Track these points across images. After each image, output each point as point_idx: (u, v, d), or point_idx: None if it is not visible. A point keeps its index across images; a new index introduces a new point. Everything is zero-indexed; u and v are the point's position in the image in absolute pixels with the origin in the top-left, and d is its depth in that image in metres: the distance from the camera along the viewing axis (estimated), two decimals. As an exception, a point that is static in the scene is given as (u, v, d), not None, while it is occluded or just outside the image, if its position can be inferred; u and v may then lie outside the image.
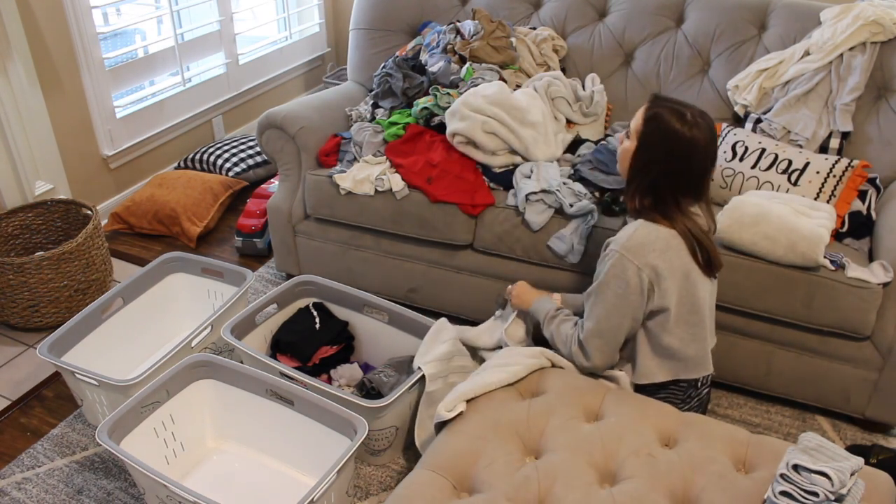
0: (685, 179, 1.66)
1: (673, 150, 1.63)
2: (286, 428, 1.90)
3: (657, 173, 1.66)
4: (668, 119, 1.63)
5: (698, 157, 1.64)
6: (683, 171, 1.65)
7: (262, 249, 2.90)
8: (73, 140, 2.88)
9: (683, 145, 1.62)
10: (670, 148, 1.63)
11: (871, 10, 2.31)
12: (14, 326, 2.50)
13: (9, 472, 1.98)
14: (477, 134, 2.27)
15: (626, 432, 1.55)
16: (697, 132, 1.62)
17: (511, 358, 1.78)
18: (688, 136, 1.61)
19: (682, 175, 1.66)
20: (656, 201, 1.68)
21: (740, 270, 2.00)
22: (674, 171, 1.65)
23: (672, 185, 1.66)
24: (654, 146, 1.66)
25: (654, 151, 1.66)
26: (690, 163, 1.65)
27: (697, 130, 1.62)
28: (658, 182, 1.66)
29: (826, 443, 1.42)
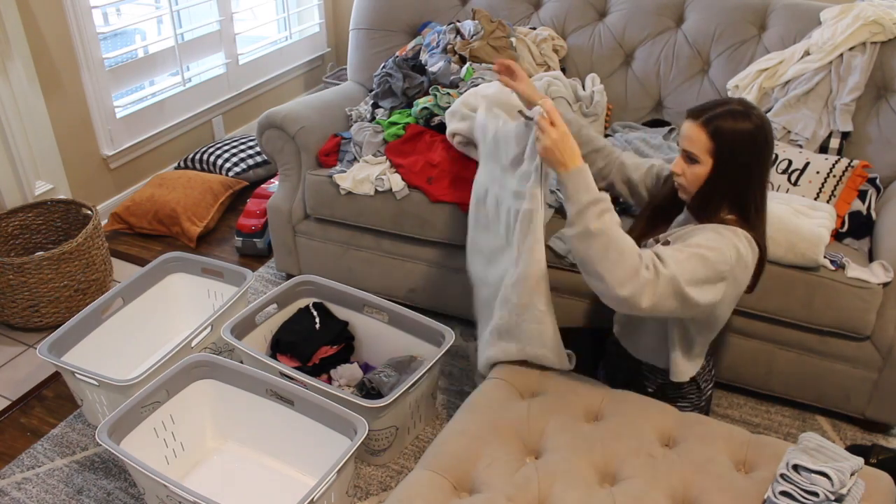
0: (766, 168, 1.57)
1: (754, 145, 1.53)
2: (286, 428, 1.90)
3: (742, 181, 1.55)
4: (731, 124, 1.52)
5: (768, 136, 1.55)
6: (766, 156, 1.56)
7: (262, 249, 2.90)
8: (73, 140, 2.88)
9: (760, 137, 1.53)
10: (751, 145, 1.53)
11: (871, 10, 2.31)
12: (14, 326, 2.50)
13: (9, 472, 1.98)
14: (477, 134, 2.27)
15: (626, 432, 1.55)
16: (755, 117, 1.53)
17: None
18: (754, 127, 1.52)
19: (765, 165, 1.57)
20: (739, 213, 1.58)
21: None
22: (762, 167, 1.56)
23: (760, 182, 1.57)
24: (735, 156, 1.53)
25: (738, 160, 1.54)
26: (768, 145, 1.55)
27: (754, 115, 1.53)
28: (742, 190, 1.56)
29: (826, 443, 1.42)
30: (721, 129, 1.52)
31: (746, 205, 1.58)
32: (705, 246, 1.51)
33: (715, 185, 1.56)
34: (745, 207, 1.58)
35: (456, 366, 2.35)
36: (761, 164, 1.57)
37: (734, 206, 1.59)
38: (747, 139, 1.53)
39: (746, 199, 1.58)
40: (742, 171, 1.56)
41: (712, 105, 1.57)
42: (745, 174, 1.56)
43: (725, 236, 1.54)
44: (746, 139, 1.53)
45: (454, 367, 2.35)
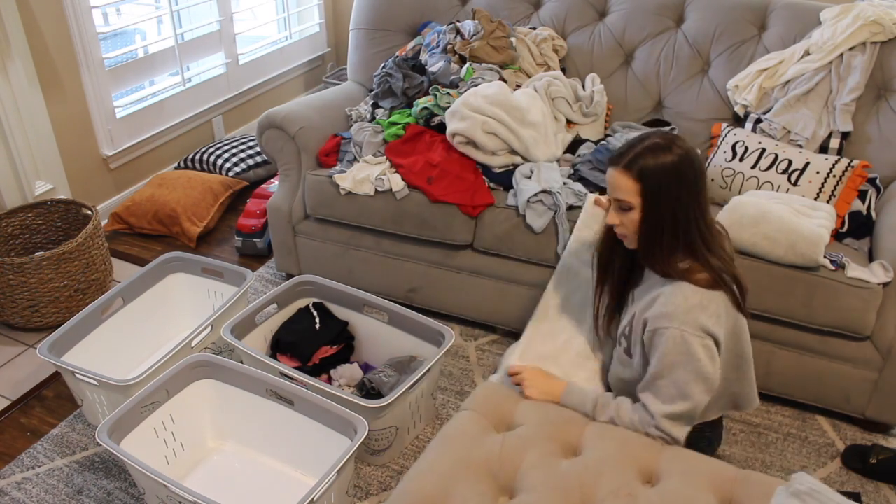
0: (701, 198, 1.54)
1: (680, 180, 1.51)
2: (286, 428, 1.90)
3: (678, 215, 1.53)
4: (653, 160, 1.51)
5: (695, 167, 1.53)
6: (697, 190, 1.53)
7: (262, 249, 2.90)
8: (73, 140, 2.88)
9: (686, 167, 1.51)
10: (678, 180, 1.51)
11: (871, 10, 2.31)
12: (14, 326, 2.50)
13: (9, 472, 1.98)
14: (477, 134, 2.27)
15: (606, 469, 1.45)
16: (678, 148, 1.51)
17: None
18: (678, 159, 1.51)
19: (699, 195, 1.53)
20: (692, 250, 1.54)
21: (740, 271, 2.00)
22: (696, 197, 1.53)
23: (699, 213, 1.53)
24: (663, 191, 1.52)
25: (668, 195, 1.52)
26: (696, 177, 1.53)
27: (677, 147, 1.52)
28: (682, 224, 1.53)
29: (818, 486, 1.32)
30: (644, 167, 1.52)
31: (692, 241, 1.54)
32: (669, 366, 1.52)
33: (652, 226, 1.55)
34: (692, 245, 1.54)
35: (456, 366, 2.35)
36: (694, 194, 1.52)
37: (684, 248, 1.55)
38: (671, 171, 1.50)
39: (690, 233, 1.54)
40: (675, 205, 1.52)
41: (631, 145, 1.56)
42: (680, 207, 1.52)
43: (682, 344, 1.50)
44: (670, 172, 1.51)
45: (454, 367, 2.35)
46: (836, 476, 1.98)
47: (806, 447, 2.07)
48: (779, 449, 2.06)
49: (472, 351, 2.41)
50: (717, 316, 1.54)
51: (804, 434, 2.11)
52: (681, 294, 1.52)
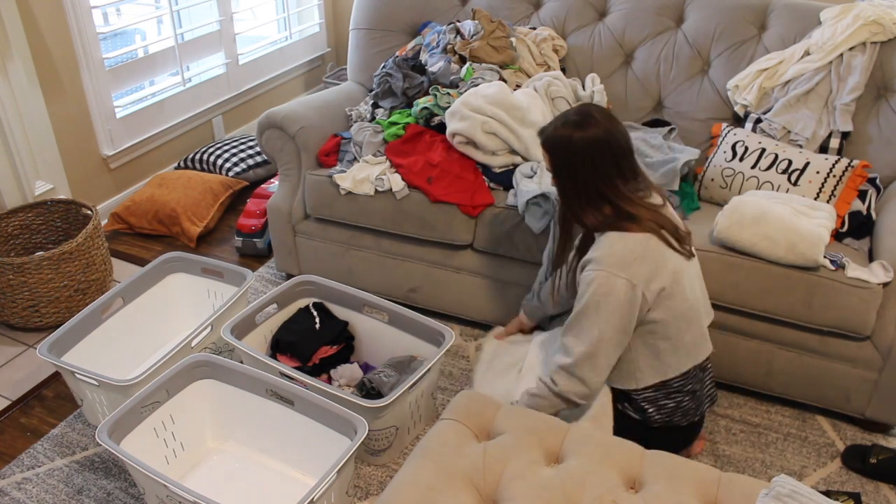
0: (612, 172, 1.65)
1: (578, 152, 1.64)
2: (286, 428, 1.90)
3: (587, 178, 1.65)
4: (556, 132, 1.66)
5: (605, 145, 1.63)
6: (603, 165, 1.64)
7: (262, 249, 2.90)
8: (73, 140, 2.88)
9: (589, 143, 1.62)
10: (575, 152, 1.64)
11: (871, 10, 2.31)
12: (14, 326, 2.50)
13: (9, 472, 1.98)
14: (477, 134, 2.27)
15: (589, 476, 1.44)
16: (589, 125, 1.63)
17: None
18: (587, 135, 1.62)
19: (606, 170, 1.64)
20: (610, 206, 1.66)
21: (740, 271, 2.00)
22: (595, 169, 1.64)
23: (606, 183, 1.65)
24: (562, 161, 1.67)
25: (567, 165, 1.66)
26: (602, 154, 1.63)
27: (588, 123, 1.63)
28: (594, 185, 1.65)
29: (800, 487, 1.31)
30: (549, 139, 1.68)
31: (606, 195, 1.65)
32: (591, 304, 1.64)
33: (563, 189, 1.71)
34: (608, 204, 1.66)
35: (456, 366, 2.35)
36: (593, 167, 1.64)
37: (595, 202, 1.66)
38: (573, 145, 1.64)
39: (600, 192, 1.65)
40: (579, 175, 1.66)
41: (553, 120, 1.71)
42: (576, 176, 1.66)
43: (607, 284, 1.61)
44: (572, 145, 1.64)
45: (454, 367, 2.35)
46: (836, 476, 1.98)
47: (806, 447, 2.07)
48: (779, 449, 2.06)
49: (472, 351, 2.41)
50: (645, 256, 1.63)
51: (804, 434, 2.11)
52: (608, 240, 1.65)
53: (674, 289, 1.67)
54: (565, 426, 1.59)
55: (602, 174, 1.64)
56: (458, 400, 1.66)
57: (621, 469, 1.48)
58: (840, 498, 1.85)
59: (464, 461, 1.49)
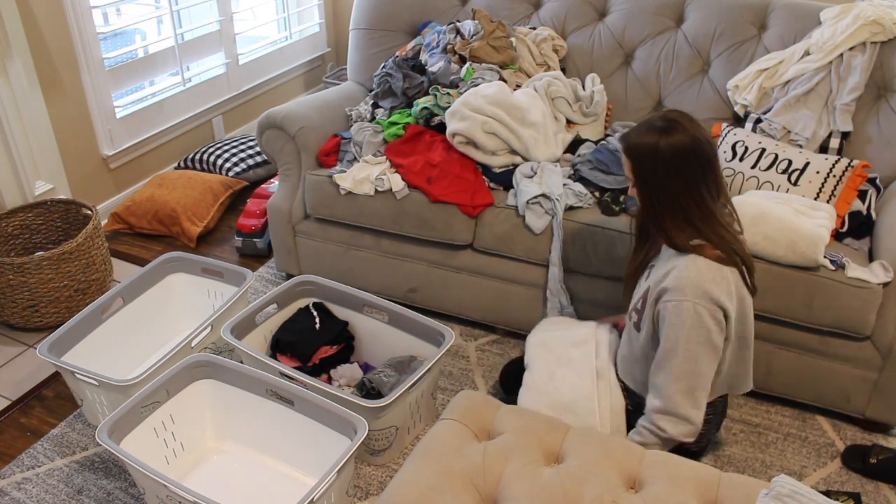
0: (701, 182, 1.58)
1: (664, 163, 1.57)
2: (286, 428, 1.90)
3: (674, 193, 1.58)
4: (642, 139, 1.59)
5: (692, 153, 1.56)
6: (693, 174, 1.57)
7: (262, 249, 2.90)
8: (73, 140, 2.88)
9: (675, 151, 1.56)
10: (663, 160, 1.57)
11: (871, 10, 2.31)
12: (14, 326, 2.50)
13: (9, 472, 1.98)
14: (477, 134, 2.27)
15: (589, 476, 1.44)
16: (678, 133, 1.56)
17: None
18: (673, 142, 1.56)
19: (697, 179, 1.58)
20: (697, 226, 1.59)
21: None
22: (684, 179, 1.57)
23: (693, 195, 1.58)
24: (649, 170, 1.60)
25: (654, 174, 1.59)
26: (693, 163, 1.57)
27: (677, 132, 1.56)
28: (681, 202, 1.58)
29: (801, 487, 1.31)
30: (630, 145, 1.61)
31: (691, 219, 1.59)
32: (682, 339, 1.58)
33: (646, 199, 1.63)
34: (692, 222, 1.59)
35: (456, 366, 2.35)
36: (680, 177, 1.57)
37: (685, 224, 1.60)
38: (653, 153, 1.57)
39: (687, 212, 1.58)
40: (660, 184, 1.58)
41: (638, 125, 1.63)
42: (663, 186, 1.58)
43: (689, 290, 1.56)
44: (653, 153, 1.57)
45: (454, 367, 2.35)
46: (836, 476, 1.98)
47: (806, 447, 2.07)
48: (779, 449, 2.06)
49: (472, 351, 2.41)
50: (729, 292, 1.58)
51: (804, 434, 2.11)
52: (694, 267, 1.57)
53: (740, 320, 1.65)
54: (565, 426, 1.59)
55: (689, 184, 1.57)
56: (458, 400, 1.66)
57: (621, 469, 1.47)
58: (840, 498, 1.85)
59: (464, 461, 1.49)
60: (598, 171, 2.27)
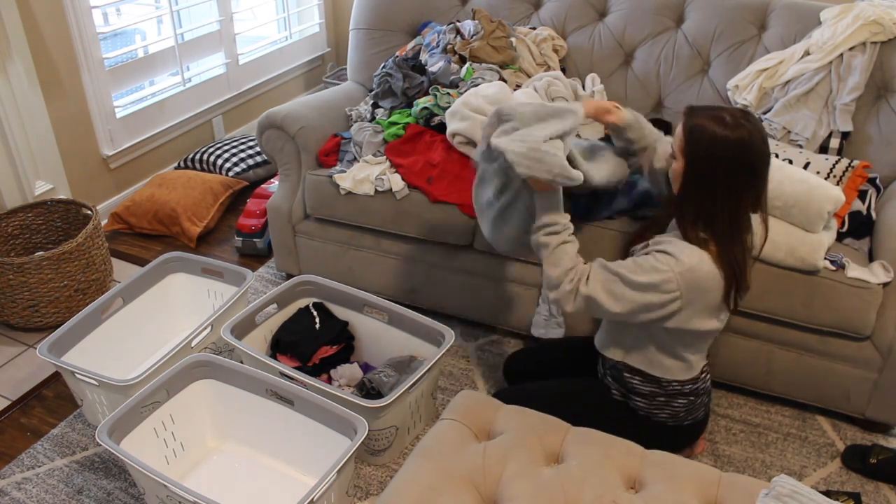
0: (745, 189, 1.55)
1: (723, 158, 1.51)
2: (286, 428, 1.90)
3: (716, 189, 1.54)
4: (709, 126, 1.52)
5: (751, 158, 1.52)
6: (740, 178, 1.53)
7: (262, 249, 2.90)
8: (73, 140, 2.88)
9: (732, 149, 1.51)
10: (720, 156, 1.51)
11: (871, 10, 2.31)
12: (14, 326, 2.50)
13: (9, 472, 1.98)
14: (477, 134, 2.27)
15: (589, 476, 1.44)
16: (743, 132, 1.50)
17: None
18: (733, 138, 1.50)
19: (741, 185, 1.54)
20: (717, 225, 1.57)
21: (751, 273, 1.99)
22: (731, 181, 1.53)
23: (733, 199, 1.55)
24: (702, 159, 1.54)
25: (704, 164, 1.54)
26: (745, 167, 1.53)
27: (743, 130, 1.51)
28: (718, 201, 1.55)
29: (800, 487, 1.31)
30: (695, 128, 1.54)
31: (715, 221, 1.57)
32: (646, 267, 1.59)
33: (687, 183, 1.59)
34: (714, 225, 1.57)
35: (456, 366, 2.35)
36: (731, 178, 1.53)
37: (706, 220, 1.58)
38: (717, 145, 1.52)
39: (714, 213, 1.56)
40: (708, 176, 1.55)
41: (708, 107, 1.59)
42: (713, 183, 1.55)
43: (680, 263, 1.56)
44: (716, 145, 1.52)
45: (454, 367, 2.35)
46: (836, 476, 1.98)
47: (806, 447, 2.07)
48: (779, 449, 2.06)
49: (472, 351, 2.41)
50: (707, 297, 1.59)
51: (804, 434, 2.11)
52: (698, 255, 1.57)
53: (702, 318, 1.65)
54: (565, 426, 1.59)
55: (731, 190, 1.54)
56: (458, 400, 1.66)
57: (621, 469, 1.47)
58: (840, 498, 1.85)
59: (464, 461, 1.49)
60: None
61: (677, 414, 1.78)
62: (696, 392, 1.78)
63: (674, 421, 1.79)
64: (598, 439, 1.55)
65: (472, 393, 1.68)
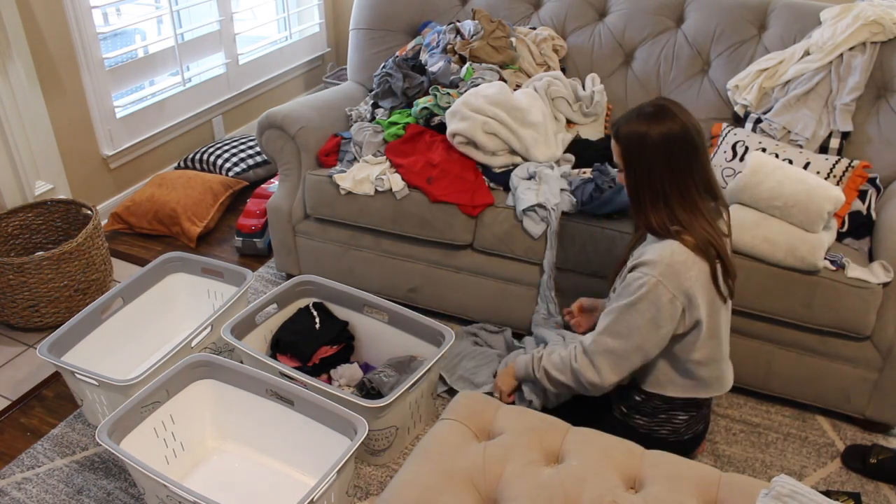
0: (683, 174, 1.59)
1: (655, 148, 1.57)
2: (286, 428, 1.90)
3: (659, 180, 1.59)
4: (631, 126, 1.60)
5: (679, 142, 1.57)
6: (675, 164, 1.58)
7: (262, 249, 2.90)
8: (73, 140, 2.88)
9: (664, 135, 1.57)
10: (651, 147, 1.58)
11: (871, 10, 2.31)
12: (14, 326, 2.49)
13: (9, 472, 1.98)
14: (477, 134, 2.27)
15: (589, 476, 1.44)
16: (665, 118, 1.57)
17: None
18: (660, 129, 1.57)
19: (678, 170, 1.58)
20: (676, 215, 1.60)
21: (741, 271, 2.00)
22: (670, 167, 1.58)
23: (678, 184, 1.59)
24: (636, 157, 1.61)
25: (641, 161, 1.61)
26: (678, 151, 1.57)
27: (664, 116, 1.57)
28: (665, 190, 1.59)
29: (800, 487, 1.30)
30: (621, 133, 1.63)
31: (673, 208, 1.60)
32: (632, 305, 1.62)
33: (632, 185, 1.65)
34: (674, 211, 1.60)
35: (456, 366, 2.35)
36: (667, 164, 1.58)
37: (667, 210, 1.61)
38: (641, 139, 1.59)
39: (668, 200, 1.60)
40: (646, 171, 1.60)
41: (628, 112, 1.65)
42: (650, 173, 1.60)
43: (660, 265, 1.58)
44: (640, 139, 1.59)
45: (454, 367, 2.34)
46: (836, 476, 1.98)
47: (806, 447, 2.07)
48: (779, 449, 2.06)
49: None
50: (698, 280, 1.60)
51: (804, 434, 2.11)
52: (668, 248, 1.60)
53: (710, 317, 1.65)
54: (565, 426, 1.59)
55: (676, 172, 1.59)
56: (458, 400, 1.66)
57: (621, 469, 1.47)
58: (840, 498, 1.85)
59: (464, 461, 1.49)
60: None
61: (678, 429, 1.78)
62: (698, 404, 1.78)
63: (675, 437, 1.79)
64: (598, 439, 1.54)
65: (471, 393, 1.68)
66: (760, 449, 2.06)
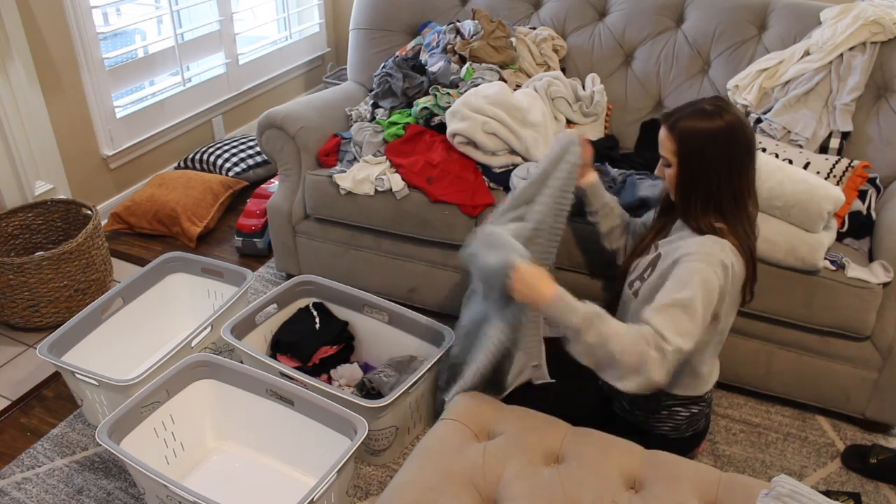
0: (738, 173, 1.57)
1: (715, 148, 1.55)
2: (286, 428, 1.90)
3: (716, 176, 1.57)
4: (692, 121, 1.57)
5: (740, 140, 1.56)
6: (734, 163, 1.56)
7: (262, 249, 2.90)
8: (73, 140, 2.88)
9: (725, 135, 1.55)
10: (712, 144, 1.55)
11: (871, 10, 2.31)
12: (14, 326, 2.49)
13: (9, 472, 1.98)
14: (477, 134, 2.27)
15: (589, 476, 1.43)
16: (728, 115, 1.55)
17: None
18: (724, 125, 1.54)
19: (735, 169, 1.57)
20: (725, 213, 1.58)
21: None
22: (727, 168, 1.56)
23: (732, 186, 1.57)
24: (696, 152, 1.57)
25: (700, 156, 1.57)
26: (736, 151, 1.56)
27: (726, 113, 1.56)
28: (720, 187, 1.57)
29: (800, 487, 1.31)
30: (682, 129, 1.58)
31: (723, 207, 1.59)
32: (691, 285, 1.51)
33: (685, 184, 1.61)
34: (723, 210, 1.59)
35: (456, 366, 2.35)
36: (727, 162, 1.56)
37: (716, 210, 1.59)
38: (706, 137, 1.56)
39: (721, 199, 1.58)
40: (707, 170, 1.58)
41: (682, 107, 1.62)
42: (712, 173, 1.57)
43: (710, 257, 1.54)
44: (705, 137, 1.56)
45: (454, 367, 2.34)
46: (836, 476, 1.98)
47: (806, 447, 2.07)
48: (779, 449, 2.06)
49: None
50: (735, 280, 1.58)
51: (804, 434, 2.11)
52: (717, 243, 1.57)
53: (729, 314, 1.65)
54: (565, 426, 1.59)
55: (733, 171, 1.56)
56: (459, 400, 1.66)
57: (621, 469, 1.47)
58: (840, 498, 1.85)
59: (464, 461, 1.49)
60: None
61: (679, 426, 1.78)
62: (699, 402, 1.78)
63: (676, 433, 1.79)
64: (598, 439, 1.54)
65: (472, 393, 1.68)
66: (760, 449, 2.06)
